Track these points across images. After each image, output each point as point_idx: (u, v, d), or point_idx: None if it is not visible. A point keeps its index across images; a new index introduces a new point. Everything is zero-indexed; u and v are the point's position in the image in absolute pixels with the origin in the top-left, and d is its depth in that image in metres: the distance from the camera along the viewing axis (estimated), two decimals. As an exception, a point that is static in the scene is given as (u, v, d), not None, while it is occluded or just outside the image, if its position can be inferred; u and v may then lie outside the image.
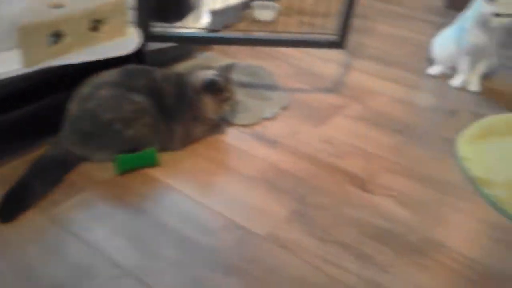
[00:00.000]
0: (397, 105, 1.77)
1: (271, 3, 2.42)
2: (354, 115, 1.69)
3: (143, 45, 1.50)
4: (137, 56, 1.48)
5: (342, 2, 1.55)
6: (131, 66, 1.38)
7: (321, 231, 1.18)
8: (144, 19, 1.48)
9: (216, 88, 1.40)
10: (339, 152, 1.49)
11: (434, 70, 1.99)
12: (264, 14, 2.37)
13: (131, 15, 1.50)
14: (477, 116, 1.70)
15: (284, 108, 1.69)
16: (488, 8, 1.71)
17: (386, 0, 2.87)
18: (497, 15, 1.71)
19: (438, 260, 1.13)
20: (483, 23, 1.75)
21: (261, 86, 1.80)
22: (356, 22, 2.50)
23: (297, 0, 2.55)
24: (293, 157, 1.44)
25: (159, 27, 1.58)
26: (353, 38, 2.30)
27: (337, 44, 1.58)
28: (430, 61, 2.05)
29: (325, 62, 2.04)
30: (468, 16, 1.82)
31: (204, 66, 1.59)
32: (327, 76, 1.93)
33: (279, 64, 1.98)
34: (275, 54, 2.05)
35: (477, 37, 1.80)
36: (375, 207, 1.28)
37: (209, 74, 1.42)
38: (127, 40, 1.45)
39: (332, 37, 1.58)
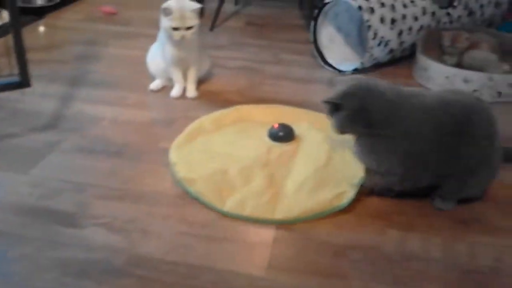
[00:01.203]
0: (117, 127, 1.77)
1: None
2: (70, 148, 1.63)
3: None
4: None
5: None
6: None
7: (18, 287, 1.10)
8: None
9: None
10: (49, 192, 1.41)
11: (154, 85, 2.05)
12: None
13: None
14: (193, 120, 1.80)
15: (-12, 160, 1.54)
16: (167, 23, 1.80)
17: (115, 22, 2.88)
18: (175, 29, 1.80)
19: (140, 275, 1.15)
20: (170, 36, 1.84)
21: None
22: (83, 50, 2.47)
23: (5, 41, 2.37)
24: (-7, 213, 1.32)
25: None
26: (77, 67, 2.25)
27: (21, 83, 1.50)
28: (152, 77, 2.10)
29: (43, 98, 1.93)
30: (161, 29, 1.90)
31: None
32: (44, 113, 1.83)
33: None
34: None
35: (173, 48, 1.88)
36: (83, 241, 1.24)
37: None
38: None
39: (15, 78, 1.49)
